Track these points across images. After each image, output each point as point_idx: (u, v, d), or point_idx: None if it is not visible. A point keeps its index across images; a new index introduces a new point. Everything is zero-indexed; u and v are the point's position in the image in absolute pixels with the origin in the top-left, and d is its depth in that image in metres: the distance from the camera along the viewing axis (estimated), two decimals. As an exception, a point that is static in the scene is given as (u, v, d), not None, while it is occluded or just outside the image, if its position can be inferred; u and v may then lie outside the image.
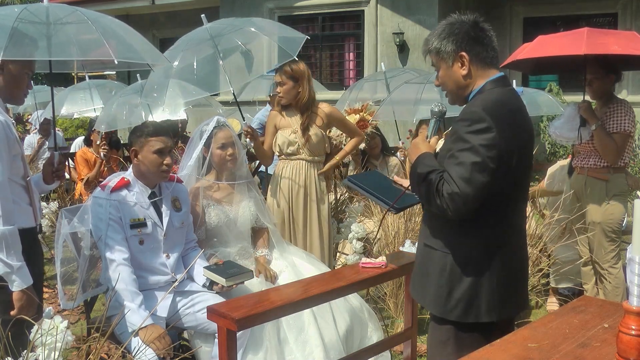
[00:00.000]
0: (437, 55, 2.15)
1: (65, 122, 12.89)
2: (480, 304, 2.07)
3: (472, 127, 1.98)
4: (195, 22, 4.49)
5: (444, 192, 1.97)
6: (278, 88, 3.95)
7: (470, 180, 1.94)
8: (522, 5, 10.43)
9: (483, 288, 2.07)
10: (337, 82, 10.81)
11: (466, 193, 1.94)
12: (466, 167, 1.95)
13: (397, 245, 4.07)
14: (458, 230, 2.10)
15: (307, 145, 3.91)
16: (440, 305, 2.13)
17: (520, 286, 2.20)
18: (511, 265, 2.13)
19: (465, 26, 2.11)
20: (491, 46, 2.13)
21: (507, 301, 2.12)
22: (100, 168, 6.16)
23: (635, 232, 1.35)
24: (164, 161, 2.91)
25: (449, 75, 2.15)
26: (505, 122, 2.00)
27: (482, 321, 2.08)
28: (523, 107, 2.17)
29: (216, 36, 4.14)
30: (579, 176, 3.99)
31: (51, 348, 1.95)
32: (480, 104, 2.04)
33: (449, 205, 1.97)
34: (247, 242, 3.34)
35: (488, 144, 1.95)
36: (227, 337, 2.18)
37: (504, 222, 2.10)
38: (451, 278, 2.10)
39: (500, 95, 2.08)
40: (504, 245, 2.10)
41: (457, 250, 2.11)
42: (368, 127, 5.19)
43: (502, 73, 2.15)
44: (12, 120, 2.59)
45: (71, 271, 2.90)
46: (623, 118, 3.74)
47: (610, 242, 3.86)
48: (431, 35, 2.18)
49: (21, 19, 2.82)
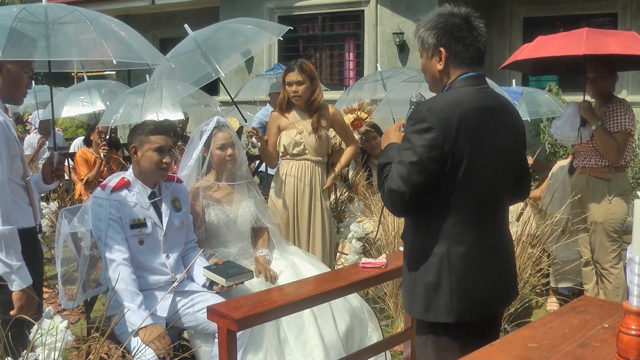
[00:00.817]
0: (421, 44, 2.15)
1: (65, 122, 12.89)
2: (439, 302, 2.04)
3: (414, 127, 1.99)
4: (195, 22, 4.51)
5: (386, 187, 2.01)
6: (294, 87, 3.84)
7: (407, 179, 1.96)
8: (522, 5, 10.42)
9: (442, 288, 2.04)
10: (337, 82, 10.81)
11: (402, 191, 1.97)
12: (405, 166, 1.97)
13: (397, 245, 4.07)
14: (418, 227, 2.11)
15: (314, 146, 3.90)
16: (407, 301, 2.15)
17: (487, 289, 2.09)
18: (477, 267, 2.06)
19: (451, 21, 2.07)
20: (475, 46, 2.08)
21: (470, 304, 2.05)
22: (100, 168, 6.15)
23: (635, 232, 1.35)
24: (164, 159, 2.91)
25: (427, 66, 2.15)
26: (453, 122, 1.95)
27: (441, 321, 2.05)
28: (494, 106, 2.09)
29: (203, 42, 4.16)
30: (581, 176, 3.99)
31: (51, 348, 1.95)
32: (428, 104, 2.03)
33: (387, 200, 2.03)
34: (247, 242, 3.34)
35: (428, 144, 1.94)
36: (227, 337, 2.18)
37: (466, 223, 2.04)
38: (415, 275, 2.10)
39: (460, 94, 2.04)
40: (464, 246, 2.04)
41: (418, 248, 2.11)
42: (363, 126, 5.20)
43: (477, 72, 2.10)
44: (12, 120, 2.58)
45: (71, 271, 2.91)
46: (623, 117, 3.74)
47: (612, 242, 3.86)
48: (421, 20, 2.16)
49: (20, 18, 2.81)
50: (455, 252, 2.04)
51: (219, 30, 4.35)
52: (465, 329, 2.06)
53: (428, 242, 2.07)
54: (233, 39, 4.34)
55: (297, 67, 3.85)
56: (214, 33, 4.29)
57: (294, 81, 3.85)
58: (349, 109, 5.31)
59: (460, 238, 2.04)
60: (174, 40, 4.72)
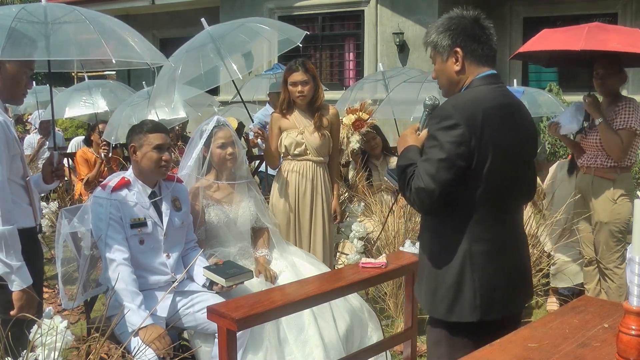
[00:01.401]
0: (434, 48, 2.16)
1: (65, 122, 12.88)
2: (463, 303, 2.05)
3: (440, 124, 2.00)
4: (195, 22, 4.50)
5: (413, 187, 2.02)
6: (300, 87, 3.81)
7: (435, 176, 1.97)
8: (522, 5, 10.43)
9: (465, 287, 2.04)
10: (337, 82, 10.82)
11: (431, 189, 1.97)
12: (432, 163, 1.98)
13: (397, 245, 4.07)
14: (438, 226, 2.11)
15: (316, 146, 3.89)
16: (428, 302, 2.14)
17: (509, 287, 2.12)
18: (497, 265, 2.07)
19: (463, 22, 2.11)
20: (488, 44, 2.12)
21: (492, 301, 2.07)
22: (100, 168, 6.15)
23: (635, 232, 1.35)
24: (163, 157, 2.91)
25: (442, 69, 2.16)
26: (477, 118, 1.98)
27: (465, 321, 2.06)
28: (511, 104, 2.13)
29: (218, 38, 4.12)
30: (585, 176, 3.95)
31: (51, 348, 1.94)
32: (451, 101, 2.06)
33: (415, 199, 2.03)
34: (247, 242, 3.34)
35: (456, 141, 1.96)
36: (227, 337, 2.18)
37: (486, 221, 2.06)
38: (436, 276, 2.10)
39: (480, 92, 2.07)
40: (485, 244, 2.06)
41: (439, 248, 2.11)
42: (364, 127, 5.20)
43: (493, 71, 2.13)
44: (12, 120, 2.58)
45: (71, 271, 2.90)
46: (630, 115, 3.70)
47: (616, 242, 3.84)
48: (431, 27, 2.18)
49: (19, 18, 2.81)
50: (477, 250, 2.05)
51: (240, 30, 4.29)
52: (484, 329, 2.05)
53: (449, 241, 2.08)
54: (256, 46, 4.30)
55: (301, 67, 3.81)
56: (233, 33, 4.23)
57: (299, 81, 3.82)
58: (351, 109, 5.31)
59: (481, 236, 2.06)
60: (174, 40, 4.74)
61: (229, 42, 4.10)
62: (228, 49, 4.03)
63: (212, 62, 4.09)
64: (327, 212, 3.99)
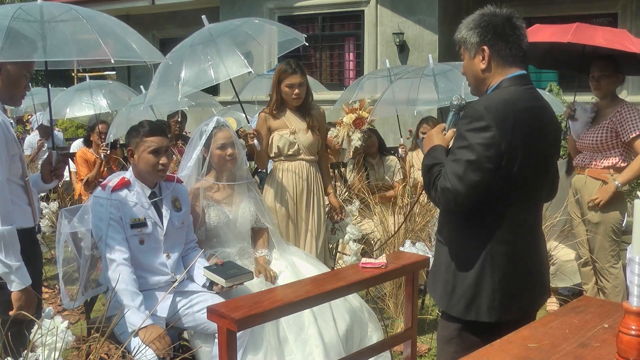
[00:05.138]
0: (463, 44, 2.15)
1: (65, 122, 12.87)
2: (481, 302, 2.06)
3: (471, 125, 1.98)
4: (195, 22, 4.49)
5: (439, 186, 2.01)
6: (297, 90, 3.80)
7: (463, 177, 1.96)
8: (522, 5, 10.42)
9: (484, 287, 2.05)
10: (337, 82, 10.81)
11: (457, 190, 1.96)
12: (461, 164, 1.97)
13: (397, 245, 4.07)
14: (460, 225, 2.11)
15: (308, 145, 3.90)
16: (446, 300, 2.14)
17: (526, 288, 2.13)
18: (515, 267, 2.09)
19: (494, 20, 2.09)
20: (517, 44, 2.10)
21: (510, 303, 2.08)
22: (100, 168, 6.16)
23: (635, 232, 1.35)
24: (160, 161, 2.91)
25: (469, 66, 2.16)
26: (509, 121, 1.97)
27: (482, 320, 2.07)
28: (541, 106, 2.13)
29: (218, 36, 4.11)
30: (580, 176, 3.98)
31: (51, 348, 1.94)
32: (483, 101, 2.04)
33: (440, 199, 2.02)
34: (247, 243, 3.34)
35: (486, 143, 1.95)
36: (227, 337, 2.18)
37: (508, 222, 2.07)
38: (455, 274, 2.10)
39: (511, 93, 2.06)
40: (506, 245, 2.07)
41: (460, 246, 2.11)
42: (365, 125, 5.20)
43: (522, 71, 2.12)
44: (11, 121, 2.58)
45: (71, 271, 2.90)
46: (638, 120, 3.72)
47: (610, 242, 3.85)
48: (463, 22, 2.17)
49: (16, 17, 2.80)
50: (499, 251, 2.05)
51: (240, 28, 4.26)
52: (498, 329, 2.04)
53: (470, 240, 2.08)
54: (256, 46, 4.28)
55: (298, 69, 3.82)
56: (233, 31, 4.20)
57: (297, 83, 3.81)
58: (351, 108, 5.31)
59: (503, 237, 2.06)
60: (174, 40, 4.71)
61: (228, 40, 4.08)
62: (227, 48, 4.01)
63: (210, 60, 4.08)
64: (322, 211, 4.00)
